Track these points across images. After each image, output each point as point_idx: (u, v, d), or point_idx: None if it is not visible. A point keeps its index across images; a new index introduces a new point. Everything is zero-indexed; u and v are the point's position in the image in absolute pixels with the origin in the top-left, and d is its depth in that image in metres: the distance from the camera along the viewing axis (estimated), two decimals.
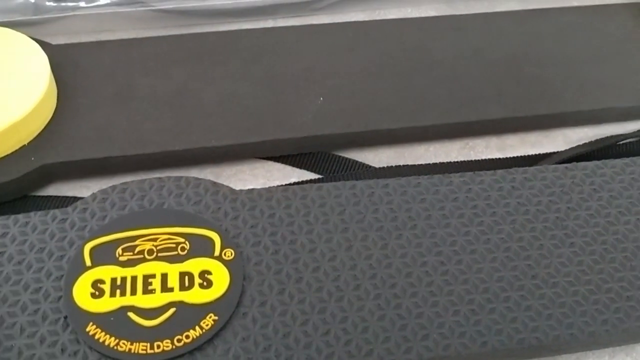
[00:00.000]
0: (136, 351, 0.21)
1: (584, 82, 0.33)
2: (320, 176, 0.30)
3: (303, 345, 0.22)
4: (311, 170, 0.30)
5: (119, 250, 0.24)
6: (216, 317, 0.22)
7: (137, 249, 0.24)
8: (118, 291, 0.23)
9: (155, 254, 0.24)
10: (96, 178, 0.29)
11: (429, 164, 0.30)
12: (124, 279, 0.23)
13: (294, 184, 0.29)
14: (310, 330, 0.22)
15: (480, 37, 0.34)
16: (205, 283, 0.23)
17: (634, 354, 0.25)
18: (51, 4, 0.34)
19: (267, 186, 0.29)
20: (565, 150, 0.31)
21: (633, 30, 0.35)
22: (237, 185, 0.29)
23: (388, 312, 0.23)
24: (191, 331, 0.22)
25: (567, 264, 0.25)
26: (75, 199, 0.28)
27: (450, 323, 0.23)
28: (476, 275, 0.24)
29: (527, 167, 0.27)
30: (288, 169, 0.30)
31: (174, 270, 0.23)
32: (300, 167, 0.30)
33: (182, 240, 0.24)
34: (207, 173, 0.30)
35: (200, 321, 0.22)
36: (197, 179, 0.26)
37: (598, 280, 0.24)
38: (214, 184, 0.26)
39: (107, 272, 0.23)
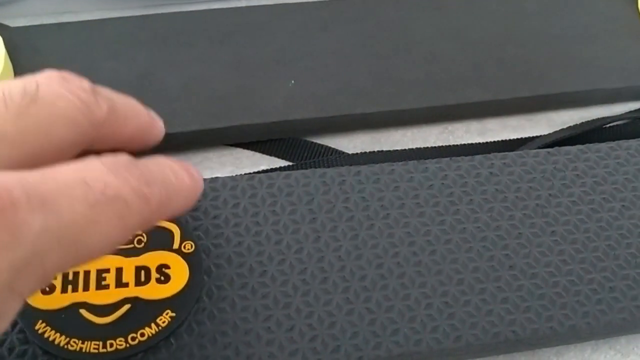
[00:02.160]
0: (88, 350, 0.20)
1: (570, 62, 0.31)
2: (291, 163, 0.28)
3: (265, 343, 0.21)
4: (282, 157, 0.29)
5: None
6: (173, 314, 0.21)
7: None
8: (70, 287, 0.21)
9: None
10: None
11: (406, 149, 0.29)
12: (76, 274, 0.21)
13: (263, 171, 0.28)
14: (273, 326, 0.21)
15: (460, 16, 0.33)
16: (162, 278, 0.22)
17: (618, 347, 0.24)
18: None
19: (235, 174, 0.27)
20: (549, 134, 0.29)
21: (622, 8, 0.34)
22: (203, 174, 0.27)
23: (357, 306, 0.22)
24: (146, 329, 0.21)
25: (547, 254, 0.23)
26: None
27: (422, 317, 0.22)
28: (450, 266, 0.23)
29: (506, 153, 0.26)
30: (257, 155, 0.29)
31: (129, 265, 0.22)
32: (271, 154, 0.29)
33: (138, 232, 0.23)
34: None
35: (157, 318, 0.21)
36: None
37: (580, 271, 0.23)
38: None
39: None
